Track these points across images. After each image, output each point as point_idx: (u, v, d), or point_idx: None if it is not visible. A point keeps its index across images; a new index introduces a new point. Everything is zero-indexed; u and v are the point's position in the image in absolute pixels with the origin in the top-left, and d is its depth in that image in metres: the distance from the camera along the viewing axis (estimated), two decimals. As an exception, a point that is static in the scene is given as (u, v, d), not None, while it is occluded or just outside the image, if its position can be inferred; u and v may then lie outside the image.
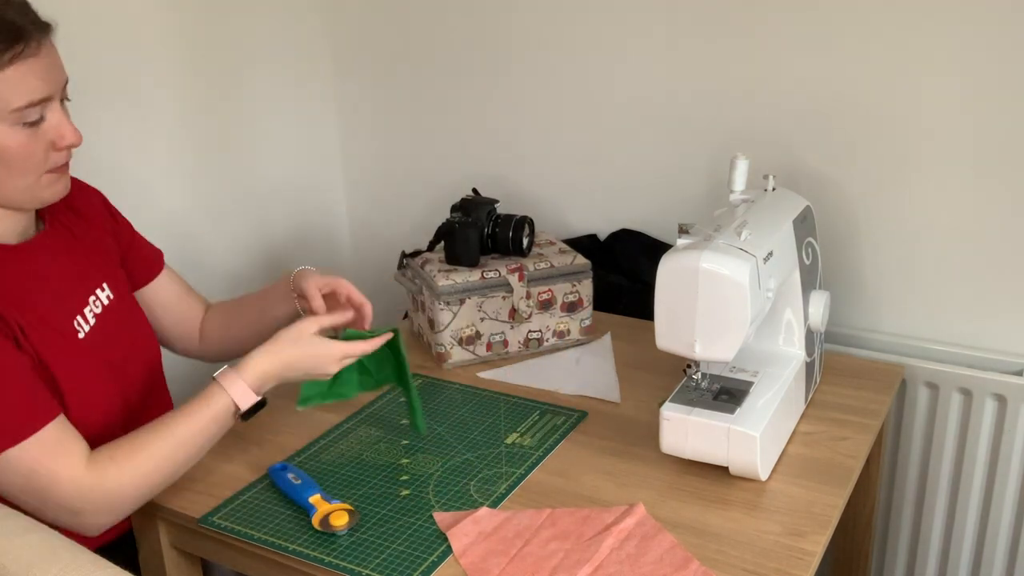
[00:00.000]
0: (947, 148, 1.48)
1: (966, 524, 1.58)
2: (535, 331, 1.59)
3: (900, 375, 1.48)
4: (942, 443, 1.56)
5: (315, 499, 1.15)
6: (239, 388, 1.15)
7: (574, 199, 1.86)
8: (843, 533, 1.60)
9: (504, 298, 1.55)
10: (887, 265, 1.58)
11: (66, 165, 1.14)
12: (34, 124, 1.07)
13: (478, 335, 1.55)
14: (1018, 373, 1.50)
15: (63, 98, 1.11)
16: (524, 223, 1.58)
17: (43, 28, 1.06)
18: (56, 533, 0.95)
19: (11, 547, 0.91)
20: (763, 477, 1.19)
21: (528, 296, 1.56)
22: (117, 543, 1.23)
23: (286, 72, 1.97)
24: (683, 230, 1.19)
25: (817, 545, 1.07)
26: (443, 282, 1.52)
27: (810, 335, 1.35)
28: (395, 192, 2.08)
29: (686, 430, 1.19)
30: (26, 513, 1.01)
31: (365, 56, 2.00)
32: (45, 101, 1.07)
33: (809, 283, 1.35)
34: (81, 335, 1.18)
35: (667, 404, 1.22)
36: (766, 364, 1.30)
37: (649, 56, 1.69)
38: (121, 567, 0.91)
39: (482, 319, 1.54)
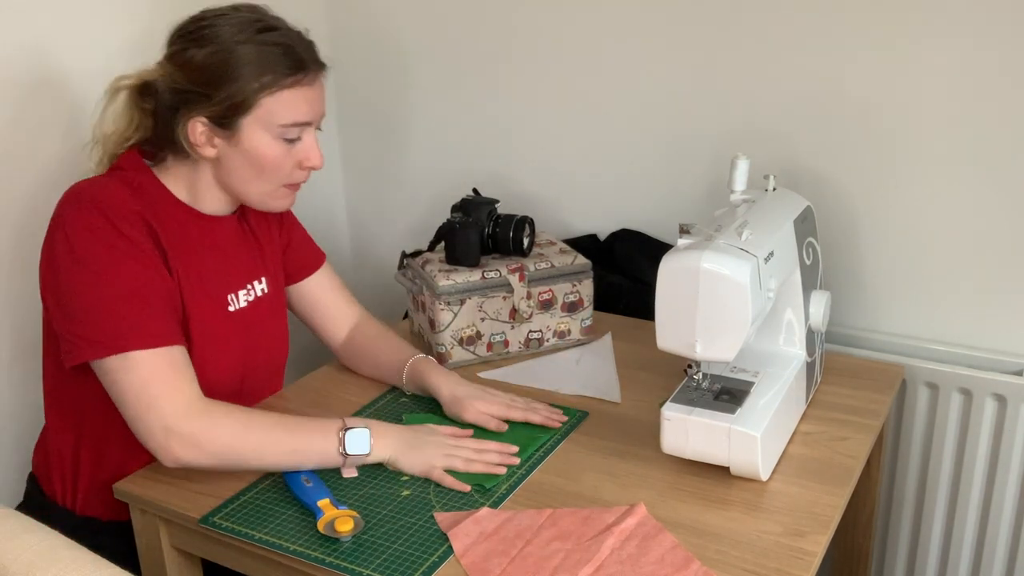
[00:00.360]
0: (947, 148, 1.48)
1: (966, 524, 1.58)
2: (536, 331, 1.59)
3: (900, 375, 1.48)
4: (942, 443, 1.56)
5: (324, 503, 1.15)
6: (356, 438, 1.22)
7: (574, 199, 1.86)
8: (843, 533, 1.60)
9: (505, 298, 1.55)
10: (887, 265, 1.58)
11: (300, 185, 1.31)
12: (291, 142, 1.24)
13: (479, 335, 1.55)
14: (1018, 373, 1.50)
15: (318, 127, 1.28)
16: (525, 223, 1.58)
17: (321, 66, 1.26)
18: (56, 533, 0.95)
19: (11, 547, 0.91)
20: (764, 477, 1.19)
21: (529, 296, 1.56)
22: (117, 543, 1.23)
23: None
24: (684, 230, 1.19)
25: (818, 545, 1.07)
26: (444, 282, 1.52)
27: (811, 335, 1.35)
28: (395, 192, 2.08)
29: (687, 430, 1.19)
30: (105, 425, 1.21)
31: (365, 55, 2.00)
32: (305, 125, 1.25)
33: (809, 283, 1.35)
34: (231, 308, 1.32)
35: (668, 404, 1.22)
36: (767, 364, 1.30)
37: (650, 56, 1.69)
38: (121, 567, 0.91)
39: (483, 319, 1.54)
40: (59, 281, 1.17)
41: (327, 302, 1.50)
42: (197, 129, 1.21)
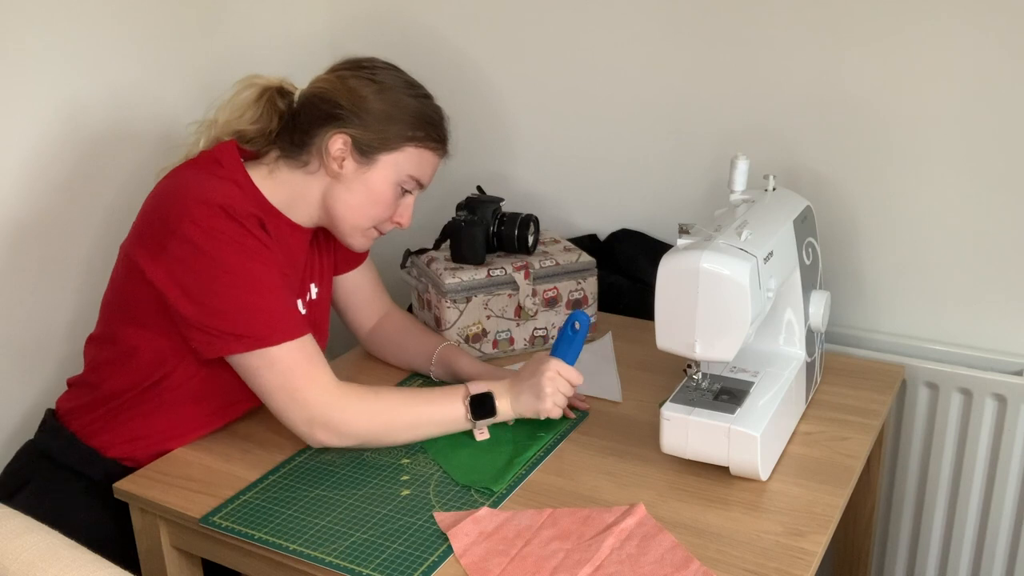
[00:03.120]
0: (947, 148, 1.48)
1: (966, 524, 1.58)
2: (541, 328, 1.59)
3: (900, 375, 1.48)
4: (942, 443, 1.56)
5: None
6: (481, 403, 1.29)
7: (574, 199, 1.86)
8: (843, 533, 1.60)
9: (510, 296, 1.55)
10: (887, 265, 1.58)
11: (382, 235, 1.39)
12: (403, 193, 1.35)
13: (484, 332, 1.55)
14: (1018, 373, 1.50)
15: (418, 193, 1.38)
16: (529, 221, 1.59)
17: (448, 148, 1.39)
18: (56, 533, 0.95)
19: (11, 547, 0.91)
20: (763, 477, 1.19)
21: (534, 294, 1.56)
22: (117, 543, 1.23)
23: (285, 71, 1.96)
24: (683, 230, 1.19)
25: (817, 545, 1.07)
26: (450, 280, 1.52)
27: (810, 335, 1.35)
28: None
29: (687, 430, 1.19)
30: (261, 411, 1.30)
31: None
32: (417, 186, 1.36)
33: (809, 283, 1.35)
34: (303, 311, 1.39)
35: (667, 404, 1.22)
36: (766, 364, 1.30)
37: (650, 56, 1.69)
38: (121, 567, 0.91)
39: (488, 317, 1.55)
40: (195, 280, 1.20)
41: (364, 294, 1.55)
42: (337, 143, 1.29)
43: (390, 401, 1.28)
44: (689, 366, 1.26)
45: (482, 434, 1.31)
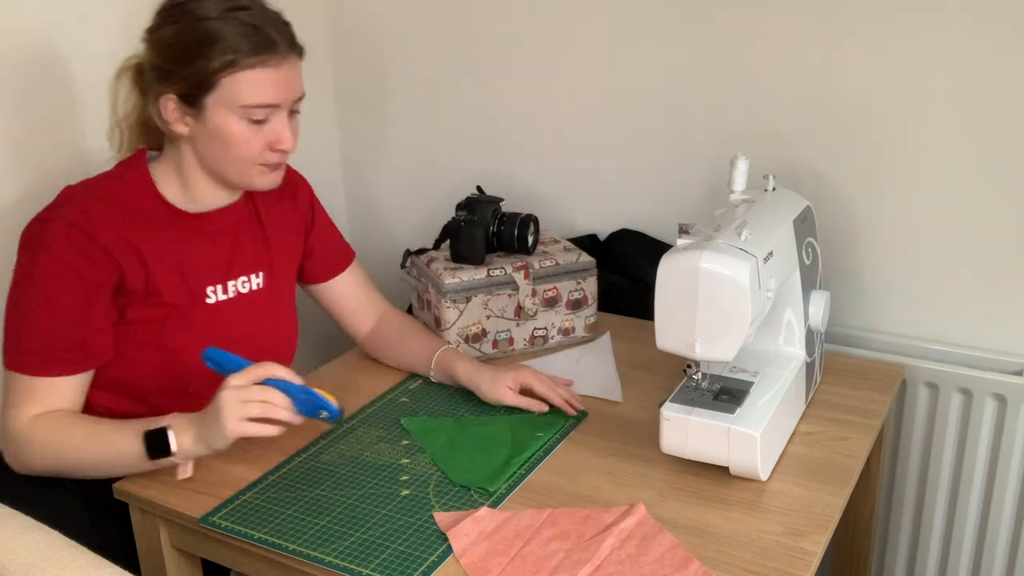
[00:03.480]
0: (947, 148, 1.48)
1: (966, 524, 1.58)
2: (540, 328, 1.59)
3: (900, 375, 1.48)
4: (942, 443, 1.56)
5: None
6: (156, 439, 1.17)
7: (574, 199, 1.86)
8: (843, 533, 1.60)
9: (510, 296, 1.55)
10: (887, 265, 1.58)
11: (279, 165, 1.28)
12: (258, 123, 1.22)
13: (484, 332, 1.55)
14: (1018, 373, 1.50)
15: (294, 110, 1.27)
16: (529, 221, 1.59)
17: (293, 49, 1.23)
18: (56, 533, 0.96)
19: (11, 547, 0.91)
20: (763, 477, 1.19)
21: (534, 294, 1.56)
22: (117, 542, 1.23)
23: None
24: (683, 230, 1.19)
25: (817, 545, 1.07)
26: (449, 280, 1.52)
27: (810, 335, 1.35)
28: (398, 191, 2.08)
29: (686, 430, 1.19)
30: None
31: (366, 52, 2.00)
32: (272, 107, 1.22)
33: (809, 283, 1.35)
34: (211, 300, 1.32)
35: (667, 404, 1.22)
36: (766, 364, 1.30)
37: (650, 56, 1.69)
38: (121, 567, 0.91)
39: (488, 316, 1.55)
40: (14, 280, 1.23)
41: (355, 299, 1.53)
42: (169, 106, 1.22)
43: (69, 437, 1.21)
44: (689, 366, 1.26)
45: (184, 472, 1.18)
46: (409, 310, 1.73)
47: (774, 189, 1.38)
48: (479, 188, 1.70)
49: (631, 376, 1.49)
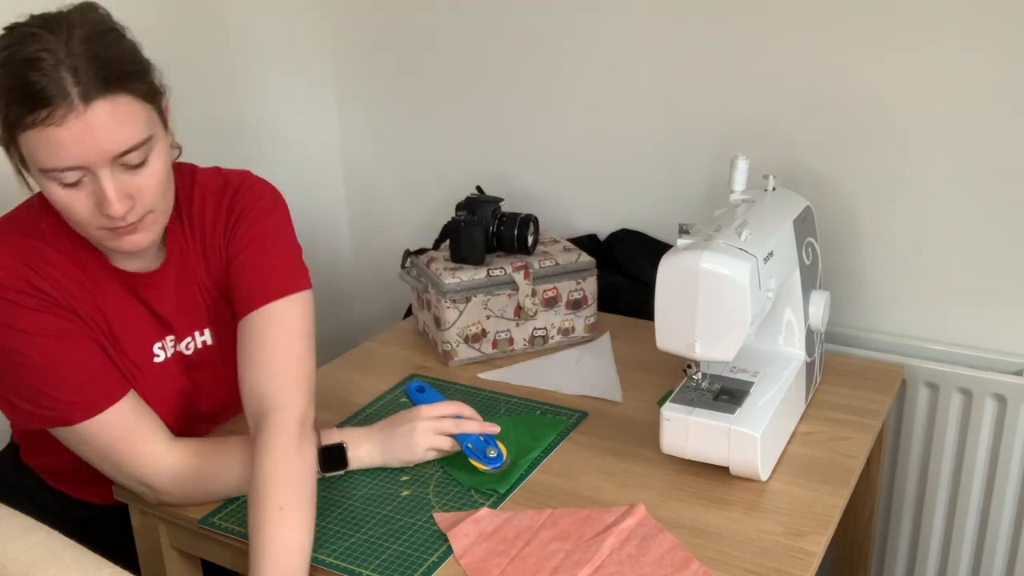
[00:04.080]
0: (947, 148, 1.48)
1: (966, 524, 1.58)
2: (540, 328, 1.59)
3: (900, 375, 1.48)
4: (942, 443, 1.56)
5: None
6: (331, 456, 1.22)
7: (574, 199, 1.86)
8: (843, 533, 1.60)
9: (510, 296, 1.55)
10: (887, 265, 1.58)
11: (124, 228, 1.06)
12: (73, 185, 1.02)
13: (484, 333, 1.55)
14: (1018, 373, 1.50)
15: (124, 164, 1.03)
16: (529, 221, 1.59)
17: (91, 95, 0.98)
18: (56, 533, 0.95)
19: (11, 547, 0.91)
20: (763, 477, 1.19)
21: (533, 294, 1.56)
22: (117, 542, 1.23)
23: (286, 70, 1.97)
24: (683, 230, 1.19)
25: (817, 545, 1.07)
26: (449, 280, 1.52)
27: (810, 335, 1.35)
28: (398, 191, 2.08)
29: (686, 430, 1.19)
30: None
31: (366, 54, 2.00)
32: (78, 169, 1.00)
33: (809, 283, 1.35)
34: (159, 359, 1.22)
35: (667, 404, 1.22)
36: (766, 364, 1.30)
37: (650, 56, 1.69)
38: (121, 567, 0.91)
39: (488, 317, 1.55)
40: None
41: (244, 357, 1.17)
42: (24, 169, 1.06)
43: (229, 465, 1.16)
44: (689, 366, 1.26)
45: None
46: (409, 310, 1.73)
47: (774, 189, 1.38)
48: (479, 188, 1.70)
49: (631, 376, 1.49)
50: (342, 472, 1.23)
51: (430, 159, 2.00)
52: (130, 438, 1.13)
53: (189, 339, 1.25)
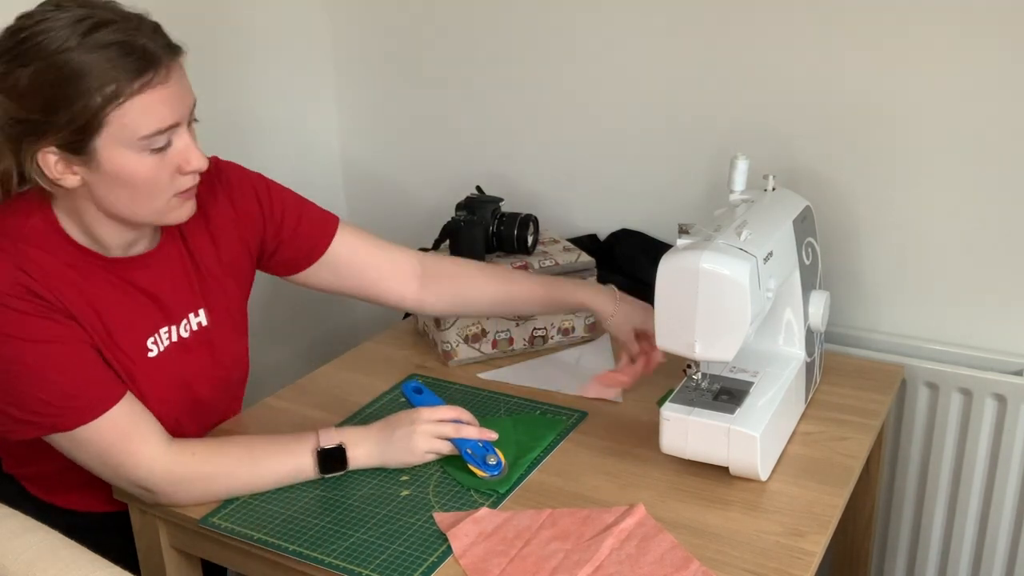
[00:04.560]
0: (947, 148, 1.48)
1: (966, 524, 1.58)
2: (540, 328, 1.59)
3: (900, 375, 1.48)
4: (942, 443, 1.56)
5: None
6: (331, 457, 1.21)
7: (574, 199, 1.86)
8: (843, 533, 1.60)
9: (509, 296, 1.55)
10: (887, 265, 1.58)
11: (192, 188, 1.13)
12: (161, 150, 1.07)
13: (484, 332, 1.55)
14: (1018, 373, 1.50)
15: (190, 121, 1.11)
16: (529, 221, 1.59)
17: (173, 53, 1.06)
18: (56, 533, 0.96)
19: (11, 547, 0.91)
20: (763, 477, 1.19)
21: (533, 294, 1.56)
22: (117, 542, 1.23)
23: (285, 70, 1.97)
24: (683, 230, 1.19)
25: (817, 545, 1.07)
26: (448, 280, 1.52)
27: (810, 335, 1.35)
28: (398, 191, 2.08)
29: (686, 430, 1.19)
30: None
31: (366, 54, 2.00)
32: (172, 128, 1.07)
33: (809, 283, 1.35)
34: (153, 354, 1.21)
35: (667, 404, 1.22)
36: (766, 364, 1.30)
37: (650, 56, 1.69)
38: (121, 567, 0.91)
39: (487, 317, 1.55)
40: None
41: (365, 253, 1.36)
42: (50, 161, 1.04)
43: (226, 466, 1.17)
44: (689, 366, 1.26)
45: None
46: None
47: (774, 189, 1.38)
48: (479, 188, 1.70)
49: (631, 376, 1.49)
50: (341, 472, 1.23)
51: (430, 159, 2.00)
52: (126, 441, 1.13)
53: (185, 321, 1.25)
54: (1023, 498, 1.53)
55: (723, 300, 1.12)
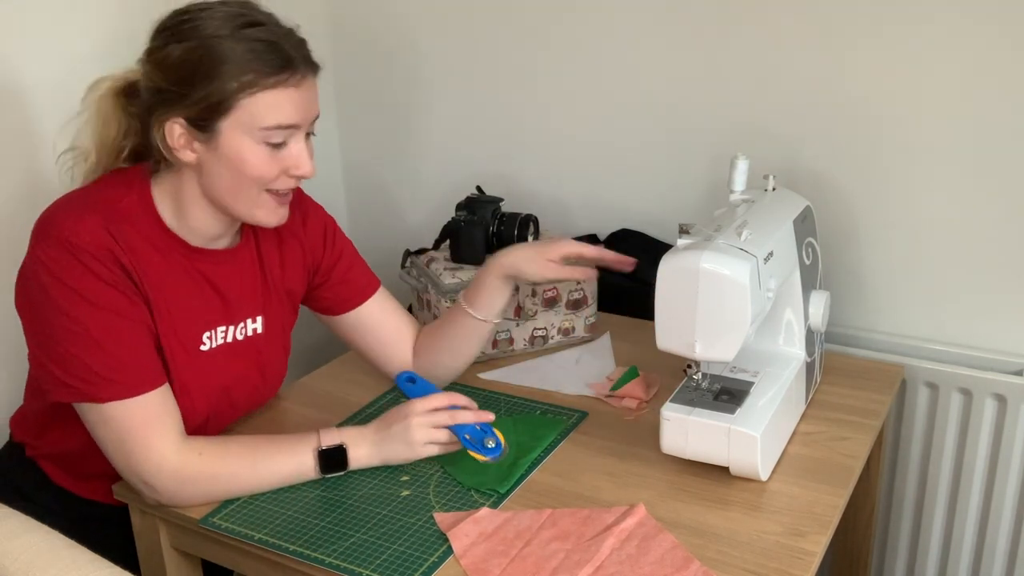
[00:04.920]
0: (947, 148, 1.48)
1: (966, 524, 1.58)
2: (540, 329, 1.59)
3: (900, 375, 1.48)
4: (942, 443, 1.56)
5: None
6: (332, 458, 1.22)
7: (574, 199, 1.86)
8: (843, 533, 1.60)
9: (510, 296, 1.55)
10: (887, 265, 1.58)
11: (288, 195, 1.20)
12: (276, 147, 1.14)
13: (483, 333, 1.55)
14: (1018, 373, 1.50)
15: (310, 132, 1.19)
16: (529, 221, 1.59)
17: (311, 66, 1.16)
18: (56, 533, 0.96)
19: (11, 547, 0.91)
20: (763, 477, 1.19)
21: (533, 294, 1.56)
22: (118, 542, 1.23)
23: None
24: (683, 230, 1.19)
25: (817, 545, 1.07)
26: (449, 280, 1.52)
27: (810, 335, 1.35)
28: (398, 191, 2.08)
29: (686, 430, 1.19)
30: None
31: (367, 53, 2.00)
32: (292, 128, 1.14)
33: (809, 283, 1.35)
34: (206, 347, 1.24)
35: (667, 404, 1.22)
36: (766, 364, 1.30)
37: (651, 56, 1.69)
38: (121, 567, 0.91)
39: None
40: (35, 318, 1.14)
41: (385, 319, 1.42)
42: (175, 131, 1.13)
43: (230, 467, 1.18)
44: (689, 366, 1.26)
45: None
46: (409, 310, 1.73)
47: (774, 189, 1.38)
48: (479, 188, 1.70)
49: (631, 376, 1.49)
50: (342, 472, 1.23)
51: (430, 159, 2.00)
52: (148, 429, 1.14)
53: (242, 324, 1.29)
54: (1023, 498, 1.53)
55: (723, 300, 1.12)
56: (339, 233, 1.42)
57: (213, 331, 1.25)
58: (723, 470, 1.20)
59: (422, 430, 1.22)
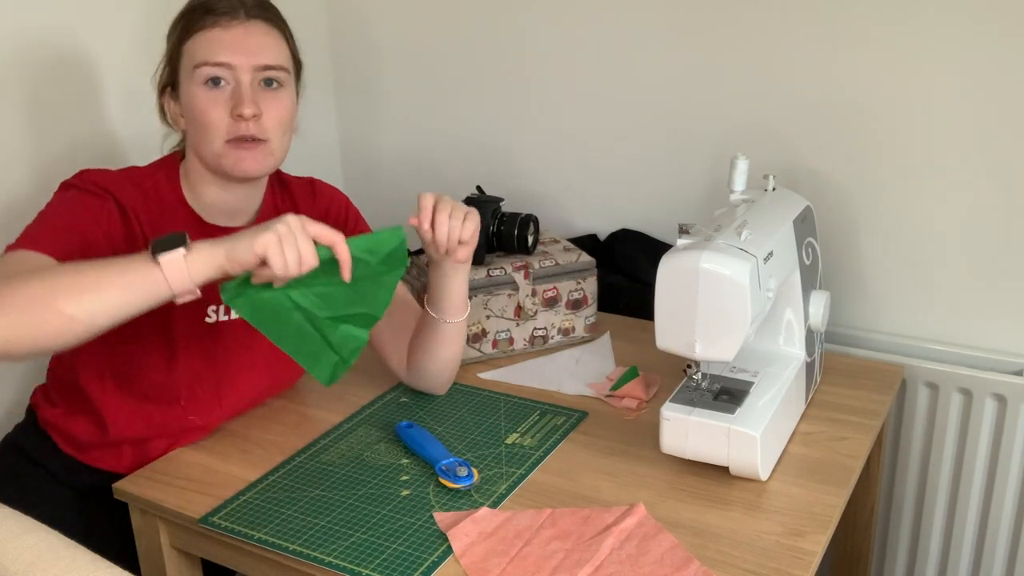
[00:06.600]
0: (947, 148, 1.48)
1: (966, 524, 1.58)
2: (540, 328, 1.59)
3: (900, 375, 1.48)
4: (942, 443, 1.56)
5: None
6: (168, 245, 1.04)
7: (574, 199, 1.86)
8: (843, 533, 1.60)
9: (510, 296, 1.55)
10: (887, 265, 1.58)
11: (252, 143, 1.20)
12: (216, 87, 1.18)
13: (484, 333, 1.55)
14: (1018, 373, 1.50)
15: (268, 80, 1.21)
16: (529, 221, 1.59)
17: (253, 15, 1.20)
18: (56, 533, 0.95)
19: (11, 547, 0.91)
20: (763, 477, 1.19)
21: (533, 294, 1.56)
22: (117, 543, 1.23)
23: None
24: (683, 230, 1.19)
25: (817, 545, 1.07)
26: (447, 281, 1.52)
27: (810, 335, 1.35)
28: (398, 190, 2.08)
29: (686, 430, 1.19)
30: None
31: (367, 53, 2.00)
32: (224, 67, 1.18)
33: (809, 283, 1.35)
34: (210, 320, 1.29)
35: (667, 404, 1.22)
36: (766, 364, 1.30)
37: (651, 57, 1.69)
38: (121, 567, 0.91)
39: (488, 316, 1.55)
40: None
41: (396, 318, 1.41)
42: (171, 106, 1.25)
43: (55, 273, 1.02)
44: (689, 366, 1.26)
45: (187, 296, 1.03)
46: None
47: (774, 189, 1.38)
48: (479, 188, 1.70)
49: (631, 376, 1.49)
50: (182, 251, 1.01)
51: (430, 159, 2.01)
52: (13, 269, 1.07)
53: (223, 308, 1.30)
54: (1023, 498, 1.53)
55: (723, 300, 1.12)
56: (361, 221, 1.47)
57: (218, 306, 1.29)
58: (723, 470, 1.20)
59: (284, 231, 1.02)
